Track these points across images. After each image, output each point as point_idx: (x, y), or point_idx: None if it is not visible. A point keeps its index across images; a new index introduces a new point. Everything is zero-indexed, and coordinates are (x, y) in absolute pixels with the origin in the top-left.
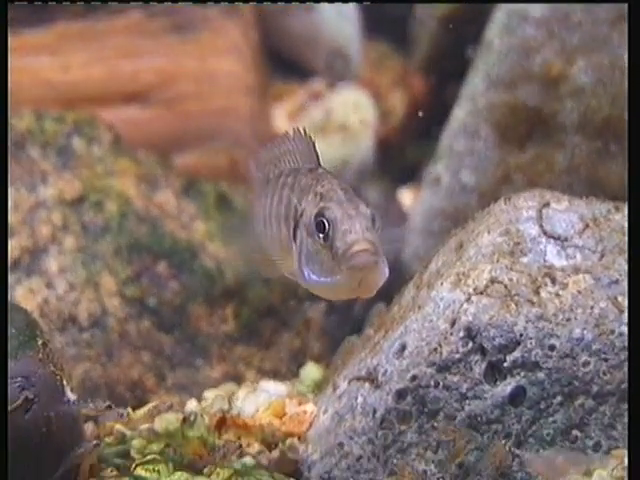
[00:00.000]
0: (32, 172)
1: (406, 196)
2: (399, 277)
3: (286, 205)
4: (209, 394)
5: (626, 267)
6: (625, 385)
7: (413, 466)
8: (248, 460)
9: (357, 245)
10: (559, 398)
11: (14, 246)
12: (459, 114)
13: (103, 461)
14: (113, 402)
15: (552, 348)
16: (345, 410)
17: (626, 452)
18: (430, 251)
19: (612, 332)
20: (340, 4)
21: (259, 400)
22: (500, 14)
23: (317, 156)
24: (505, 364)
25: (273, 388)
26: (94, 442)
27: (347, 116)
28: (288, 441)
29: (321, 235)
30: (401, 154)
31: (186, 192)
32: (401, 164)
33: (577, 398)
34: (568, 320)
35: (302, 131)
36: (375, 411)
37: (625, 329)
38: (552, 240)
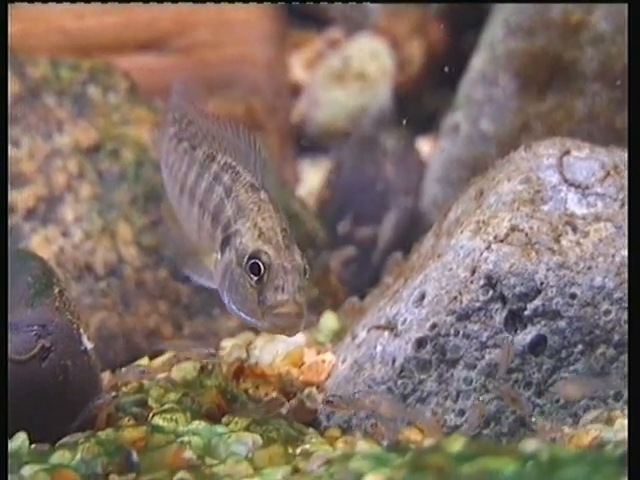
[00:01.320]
0: (47, 120)
1: (424, 145)
2: (417, 226)
3: (217, 205)
4: (226, 343)
5: None
6: None
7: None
8: None
9: (286, 307)
10: (580, 347)
11: (29, 195)
12: (478, 62)
13: (120, 410)
14: (130, 352)
15: (573, 296)
16: (364, 359)
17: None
18: (449, 200)
19: None
20: None
21: (277, 349)
22: None
23: (262, 175)
24: (526, 312)
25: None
26: (112, 394)
27: (365, 64)
28: (306, 390)
29: (253, 277)
30: (419, 103)
31: None
32: (419, 113)
33: (598, 347)
34: (589, 268)
35: (255, 142)
36: (394, 360)
37: None
38: (573, 188)
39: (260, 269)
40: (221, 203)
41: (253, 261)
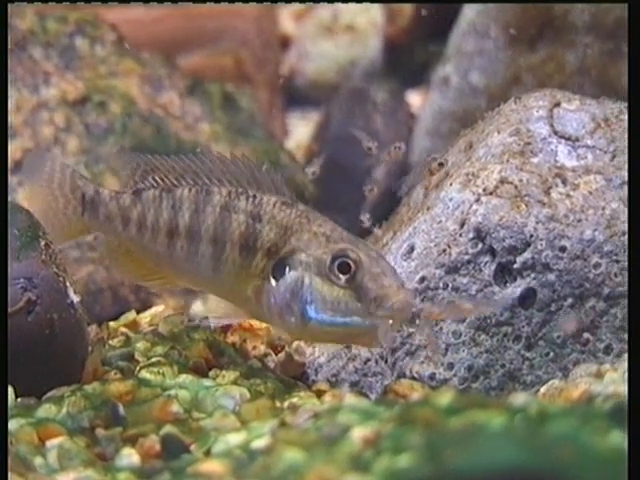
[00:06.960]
0: (34, 73)
1: (414, 97)
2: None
3: (244, 233)
4: (215, 296)
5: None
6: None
7: (420, 371)
8: (254, 362)
9: (400, 293)
10: (570, 300)
11: (16, 147)
12: (468, 14)
13: (107, 364)
14: (117, 305)
15: (563, 249)
16: None
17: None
18: (438, 152)
19: (623, 233)
20: None
21: None
22: None
23: (287, 189)
24: (515, 265)
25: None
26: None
27: (354, 17)
28: (294, 344)
29: (342, 276)
30: (410, 55)
31: (191, 93)
32: (410, 65)
33: (588, 300)
34: (579, 221)
35: (256, 163)
36: None
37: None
38: (563, 140)
39: (350, 266)
40: (250, 230)
41: (340, 260)
